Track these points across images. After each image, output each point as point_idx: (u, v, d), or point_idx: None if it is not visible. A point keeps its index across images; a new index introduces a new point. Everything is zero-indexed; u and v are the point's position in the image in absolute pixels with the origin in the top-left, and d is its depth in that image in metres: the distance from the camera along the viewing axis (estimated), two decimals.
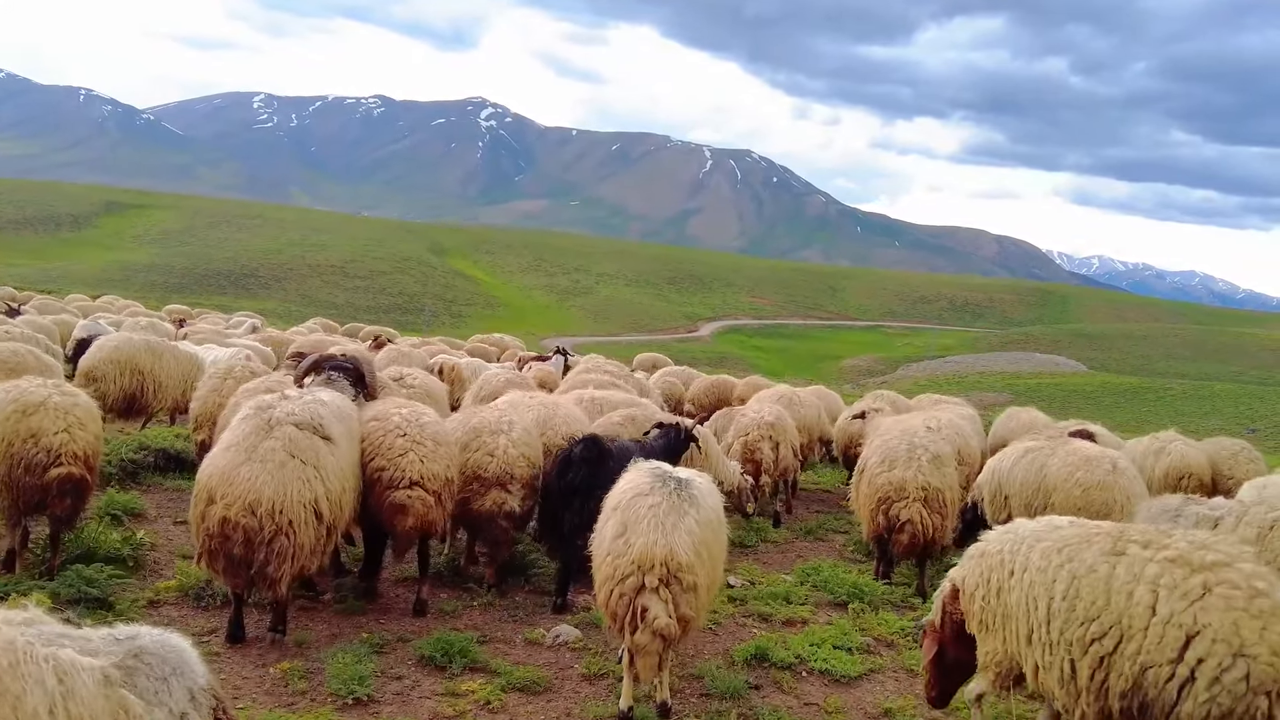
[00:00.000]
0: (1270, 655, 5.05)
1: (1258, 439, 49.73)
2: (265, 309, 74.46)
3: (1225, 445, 13.64)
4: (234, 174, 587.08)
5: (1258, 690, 5.03)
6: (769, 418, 13.68)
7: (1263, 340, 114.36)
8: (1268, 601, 5.18)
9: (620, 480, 7.06)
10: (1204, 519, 7.40)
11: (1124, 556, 5.56)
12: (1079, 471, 9.94)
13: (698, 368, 64.71)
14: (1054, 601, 5.72)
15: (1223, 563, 5.36)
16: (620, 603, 6.41)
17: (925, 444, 10.55)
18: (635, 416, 12.09)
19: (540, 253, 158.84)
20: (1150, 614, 5.31)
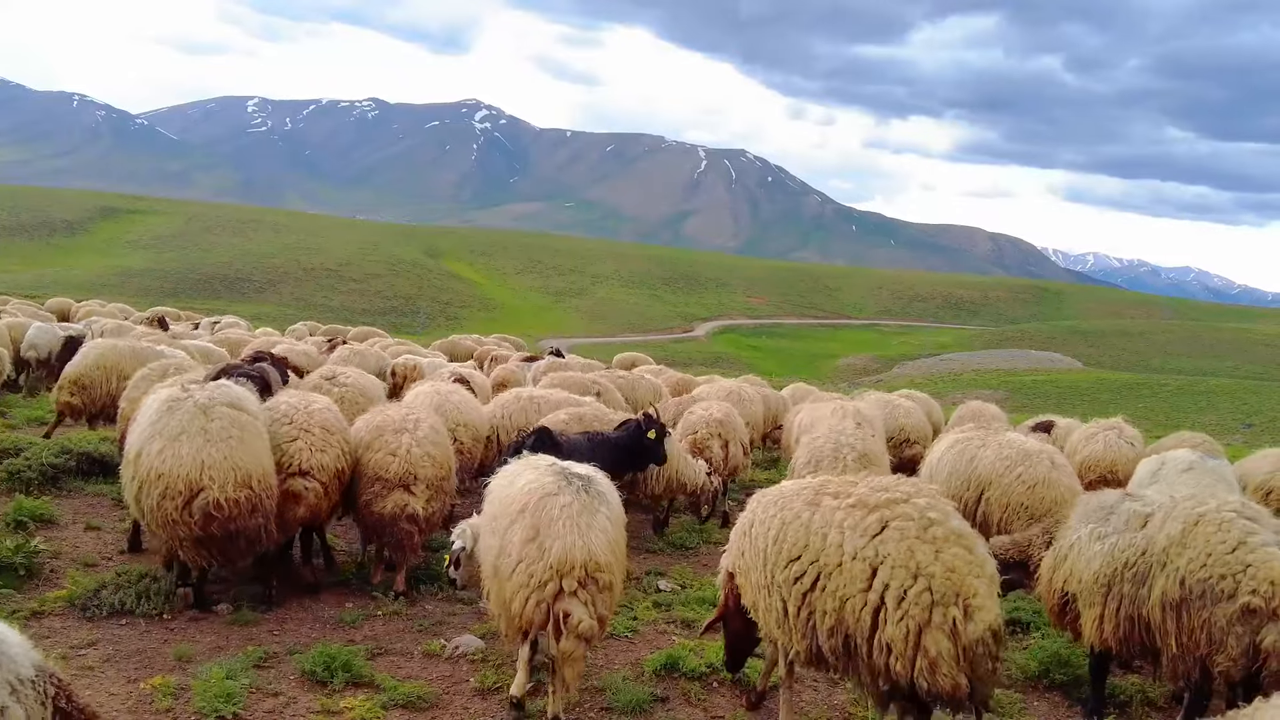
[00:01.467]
0: (945, 572, 5.66)
1: (1254, 434, 49.82)
2: (261, 313, 74.38)
3: (1185, 439, 13.67)
4: (228, 178, 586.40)
5: (941, 603, 5.61)
6: (718, 415, 13.44)
7: (1258, 336, 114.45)
8: (940, 529, 5.82)
9: (516, 479, 6.73)
10: (1136, 515, 6.96)
11: (819, 507, 6.12)
12: (1019, 466, 9.62)
13: (693, 368, 64.79)
14: (769, 548, 6.24)
15: (899, 500, 5.99)
16: (538, 610, 6.20)
17: (852, 443, 10.12)
18: (582, 415, 12.07)
19: (536, 254, 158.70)
20: (840, 552, 5.87)
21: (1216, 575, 6.18)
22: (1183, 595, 6.32)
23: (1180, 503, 6.81)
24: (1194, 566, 6.29)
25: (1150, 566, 6.59)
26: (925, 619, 5.62)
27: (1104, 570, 6.86)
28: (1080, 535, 7.21)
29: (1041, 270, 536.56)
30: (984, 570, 5.83)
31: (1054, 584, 7.38)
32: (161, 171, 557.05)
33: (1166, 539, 6.53)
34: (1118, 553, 6.83)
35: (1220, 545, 6.27)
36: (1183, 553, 6.38)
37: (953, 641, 5.58)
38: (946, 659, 5.57)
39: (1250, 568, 6.09)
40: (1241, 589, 6.06)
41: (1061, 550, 7.37)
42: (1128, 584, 6.70)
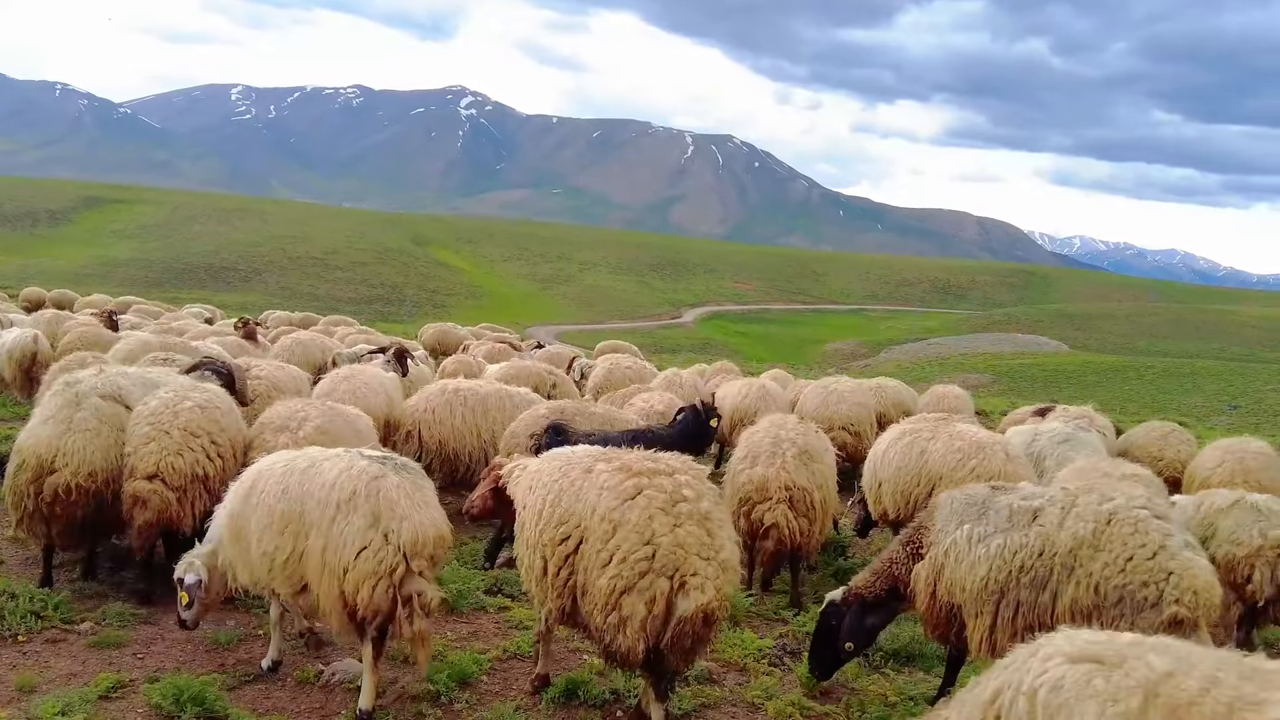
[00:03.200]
0: (674, 546, 5.80)
1: (1239, 415, 50.05)
2: (247, 302, 74.09)
3: (1157, 427, 13.28)
4: (213, 167, 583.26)
5: (659, 572, 5.77)
6: (659, 406, 13.04)
7: (1243, 318, 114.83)
8: (687, 506, 5.95)
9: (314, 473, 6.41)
10: (1020, 510, 6.40)
11: (592, 472, 6.23)
12: (972, 460, 9.26)
13: (681, 354, 64.68)
14: (544, 509, 6.34)
15: (661, 472, 6.12)
16: (386, 597, 6.11)
17: (792, 437, 9.39)
18: (564, 409, 11.78)
19: (523, 242, 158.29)
20: (592, 512, 6.02)
21: (1138, 582, 5.86)
22: (1097, 602, 5.94)
23: (1080, 496, 6.37)
24: (1111, 572, 5.92)
25: (1052, 569, 6.12)
26: (633, 582, 5.79)
27: (993, 575, 6.27)
28: (956, 539, 6.55)
29: (1028, 254, 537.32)
30: (716, 555, 5.94)
31: (936, 597, 6.68)
32: (146, 161, 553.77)
33: (1073, 539, 6.09)
34: (1008, 554, 6.27)
35: (1140, 550, 5.92)
36: (1096, 556, 5.99)
37: (648, 609, 5.76)
38: (635, 623, 5.77)
39: (1173, 575, 5.82)
40: (1166, 598, 5.79)
41: (936, 558, 6.65)
42: (1025, 589, 6.17)
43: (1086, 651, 3.79)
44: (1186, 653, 3.71)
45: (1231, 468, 10.53)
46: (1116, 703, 3.53)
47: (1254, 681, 3.43)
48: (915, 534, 7.04)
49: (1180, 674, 3.53)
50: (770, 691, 7.34)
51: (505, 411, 11.81)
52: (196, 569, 6.96)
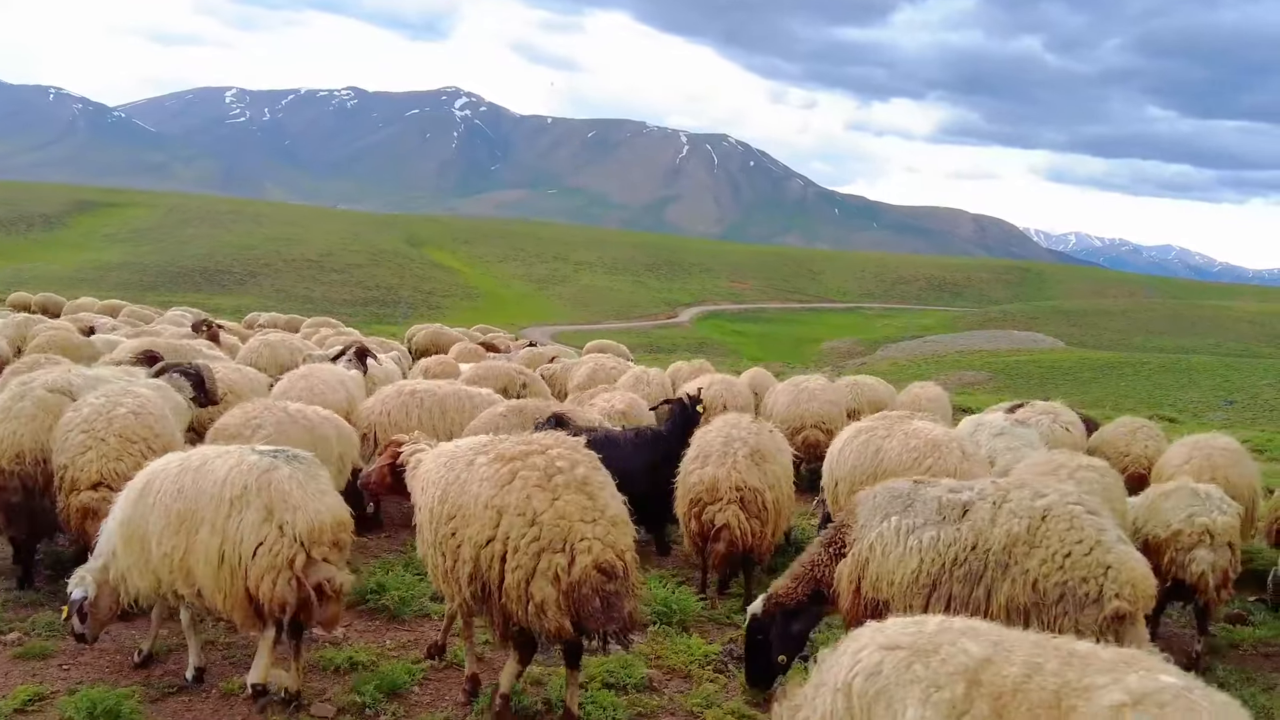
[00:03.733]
0: (556, 517, 5.87)
1: (1235, 410, 50.02)
2: (241, 305, 73.93)
3: (1126, 423, 13.02)
4: (207, 170, 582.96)
5: (549, 549, 5.84)
6: (620, 405, 12.84)
7: (1239, 313, 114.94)
8: (563, 477, 6.02)
9: (205, 470, 6.33)
10: (949, 504, 6.21)
11: (473, 465, 6.26)
12: (928, 459, 9.07)
13: (677, 354, 64.59)
14: (434, 506, 6.38)
15: (534, 452, 6.18)
16: (290, 589, 6.06)
17: (744, 436, 9.17)
18: (523, 408, 11.69)
19: (518, 242, 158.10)
20: (475, 502, 6.06)
21: (1077, 579, 5.77)
22: (1036, 600, 5.84)
23: (1011, 492, 6.20)
24: (1049, 569, 5.82)
25: (986, 565, 5.98)
26: (533, 566, 5.86)
27: (925, 569, 6.10)
28: (883, 531, 6.36)
29: (1024, 251, 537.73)
30: (601, 515, 6.02)
31: (860, 593, 6.46)
32: (140, 164, 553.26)
33: (1007, 536, 5.95)
34: (942, 546, 6.09)
35: (1077, 546, 5.82)
36: (1032, 553, 5.88)
37: (556, 587, 5.82)
38: (551, 604, 5.82)
39: (1111, 569, 5.75)
40: (1106, 593, 5.72)
41: (860, 554, 6.45)
42: (957, 584, 6.01)
43: (898, 639, 3.79)
44: (999, 637, 3.74)
45: (1199, 464, 10.33)
46: (940, 689, 3.53)
47: (1075, 667, 3.47)
48: (836, 533, 6.81)
49: (1000, 660, 3.55)
50: (711, 699, 7.17)
51: (464, 412, 11.62)
52: (86, 584, 6.81)
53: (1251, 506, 10.51)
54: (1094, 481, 8.36)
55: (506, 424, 10.63)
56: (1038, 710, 3.38)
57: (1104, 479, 8.45)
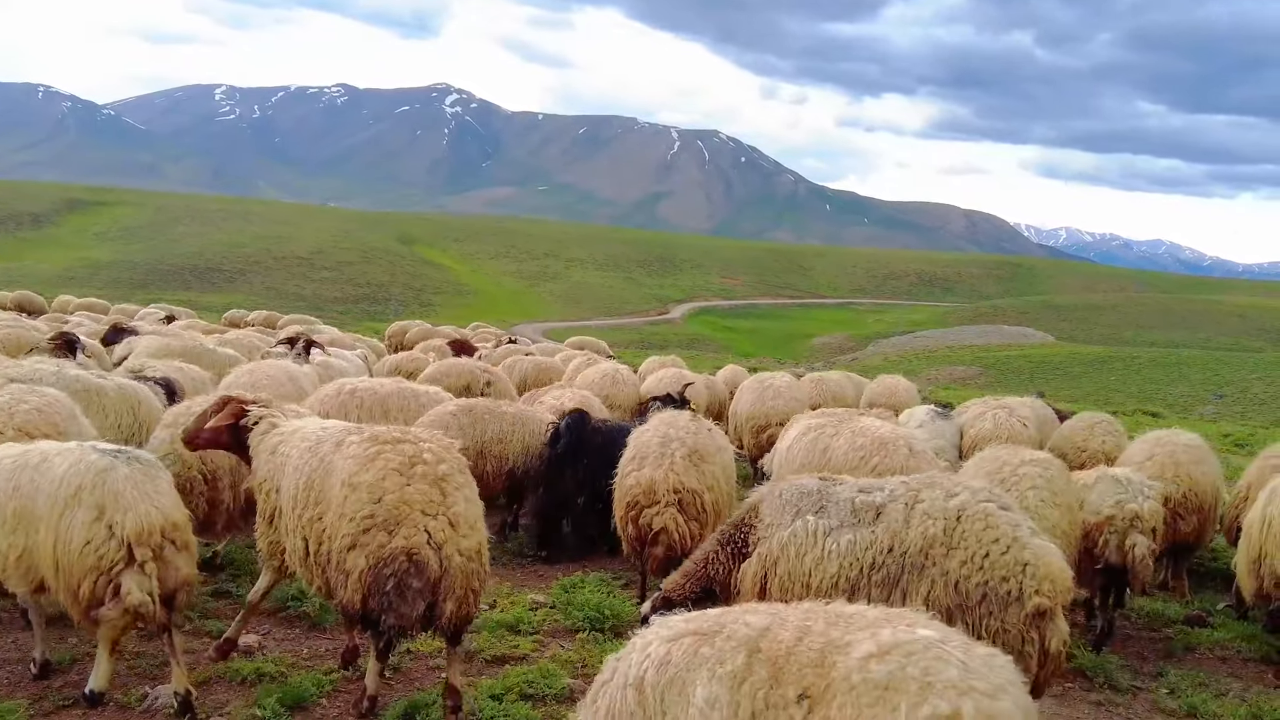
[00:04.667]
0: (399, 502, 5.98)
1: (1225, 404, 50.23)
2: (232, 303, 73.56)
3: (1085, 418, 12.87)
4: (197, 168, 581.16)
5: (381, 526, 5.95)
6: (569, 404, 12.36)
7: (1229, 307, 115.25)
8: (424, 468, 6.12)
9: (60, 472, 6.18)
10: (863, 505, 6.02)
11: (343, 445, 6.30)
12: (875, 457, 8.95)
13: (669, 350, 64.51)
14: (299, 493, 6.38)
15: (408, 440, 6.29)
16: (108, 589, 6.02)
17: (682, 436, 8.81)
18: (473, 407, 11.38)
19: (509, 239, 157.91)
20: (339, 483, 6.11)
21: (998, 578, 5.68)
22: (959, 601, 5.72)
23: (923, 491, 6.03)
24: (970, 570, 5.70)
25: (903, 568, 5.83)
26: (357, 538, 5.96)
27: (844, 573, 5.90)
28: (796, 531, 6.08)
29: (1015, 246, 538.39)
30: (444, 512, 6.12)
31: (767, 594, 6.18)
32: (130, 162, 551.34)
33: (924, 538, 5.82)
34: (859, 551, 5.91)
35: (994, 545, 5.73)
36: (951, 554, 5.75)
37: (366, 562, 5.94)
38: (355, 577, 5.95)
39: (1029, 566, 5.68)
40: (1026, 590, 5.64)
41: (770, 553, 6.14)
42: (875, 587, 5.85)
43: (684, 629, 3.91)
44: (778, 609, 3.94)
45: (1162, 461, 10.16)
46: (723, 663, 3.67)
47: (839, 626, 3.67)
48: (737, 531, 6.49)
49: (776, 627, 3.73)
50: None
51: (408, 411, 11.19)
52: None
53: (1214, 504, 10.36)
54: (1035, 477, 8.25)
55: (456, 423, 10.37)
56: (806, 669, 3.55)
57: (1046, 472, 8.38)
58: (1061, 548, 7.92)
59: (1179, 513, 9.95)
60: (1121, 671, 8.38)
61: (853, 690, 3.42)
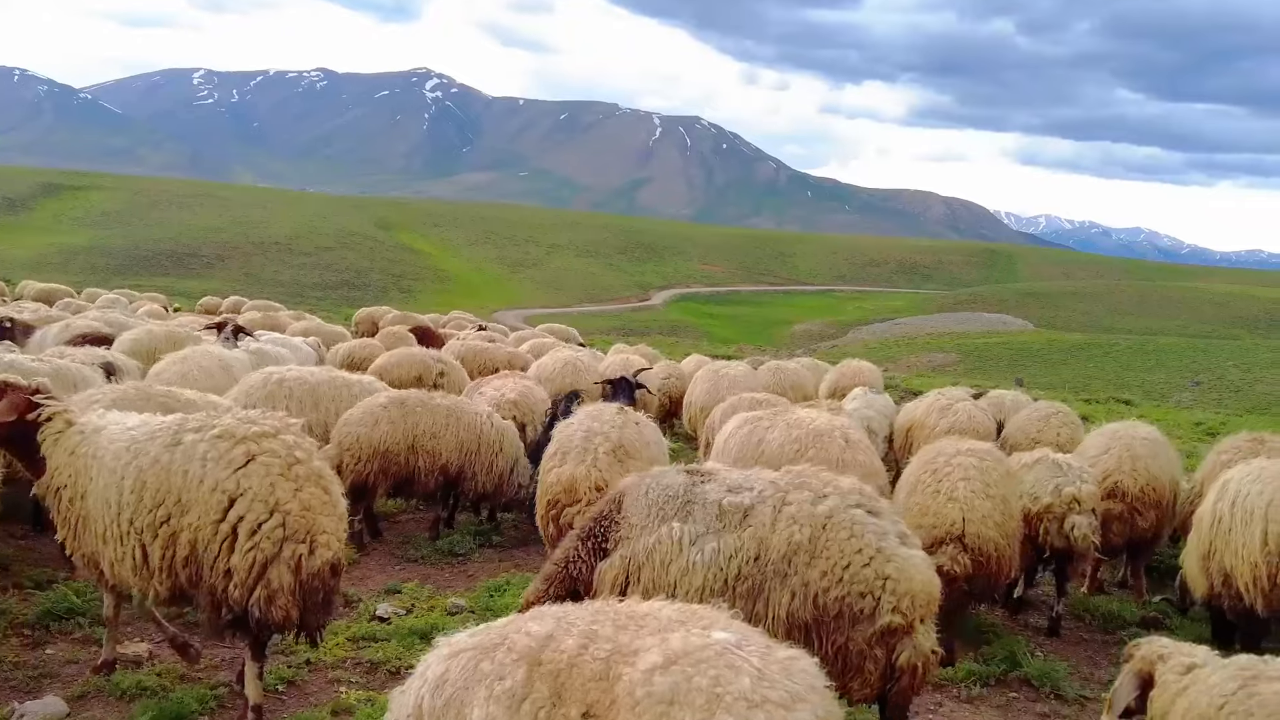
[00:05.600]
0: (301, 510, 6.00)
1: (1202, 391, 50.55)
2: (209, 289, 73.15)
3: (1039, 409, 12.61)
4: (175, 152, 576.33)
5: (295, 539, 5.96)
6: (511, 395, 11.97)
7: (1206, 294, 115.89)
8: (304, 468, 6.13)
9: None
10: (730, 507, 5.63)
11: (182, 444, 6.08)
12: (810, 448, 8.65)
13: (649, 336, 64.35)
14: (123, 497, 6.08)
15: (268, 434, 6.16)
16: None
17: (606, 431, 8.38)
18: (405, 399, 10.87)
19: (489, 225, 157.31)
20: (200, 485, 5.93)
21: (856, 593, 5.35)
22: (818, 616, 5.38)
23: (790, 493, 5.68)
24: (829, 583, 5.36)
25: (767, 578, 5.47)
26: (274, 553, 5.92)
27: (709, 585, 5.51)
28: (661, 537, 5.65)
29: (994, 233, 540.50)
30: (335, 510, 6.27)
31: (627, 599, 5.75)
32: (107, 147, 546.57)
33: (789, 545, 5.46)
34: (724, 560, 5.52)
35: (857, 556, 5.39)
36: (813, 563, 5.41)
37: (294, 575, 5.96)
38: (285, 592, 5.93)
39: (889, 580, 5.37)
40: (882, 606, 5.32)
41: (634, 556, 5.71)
42: (740, 599, 5.47)
43: (465, 644, 3.63)
44: (564, 612, 3.62)
45: (1119, 454, 9.92)
46: (503, 679, 3.38)
47: (629, 630, 3.39)
48: (597, 525, 6.02)
49: (560, 634, 3.42)
50: None
51: (340, 401, 10.82)
52: None
53: (1172, 499, 10.13)
54: (969, 468, 8.11)
55: (386, 416, 10.09)
56: (589, 684, 3.27)
57: (981, 464, 8.21)
58: (995, 538, 7.90)
59: (1136, 508, 9.71)
60: (1069, 680, 8.10)
61: (636, 707, 3.16)
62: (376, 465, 9.91)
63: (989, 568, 7.94)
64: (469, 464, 10.46)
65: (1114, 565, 10.99)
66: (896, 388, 25.22)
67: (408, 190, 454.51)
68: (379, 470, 9.95)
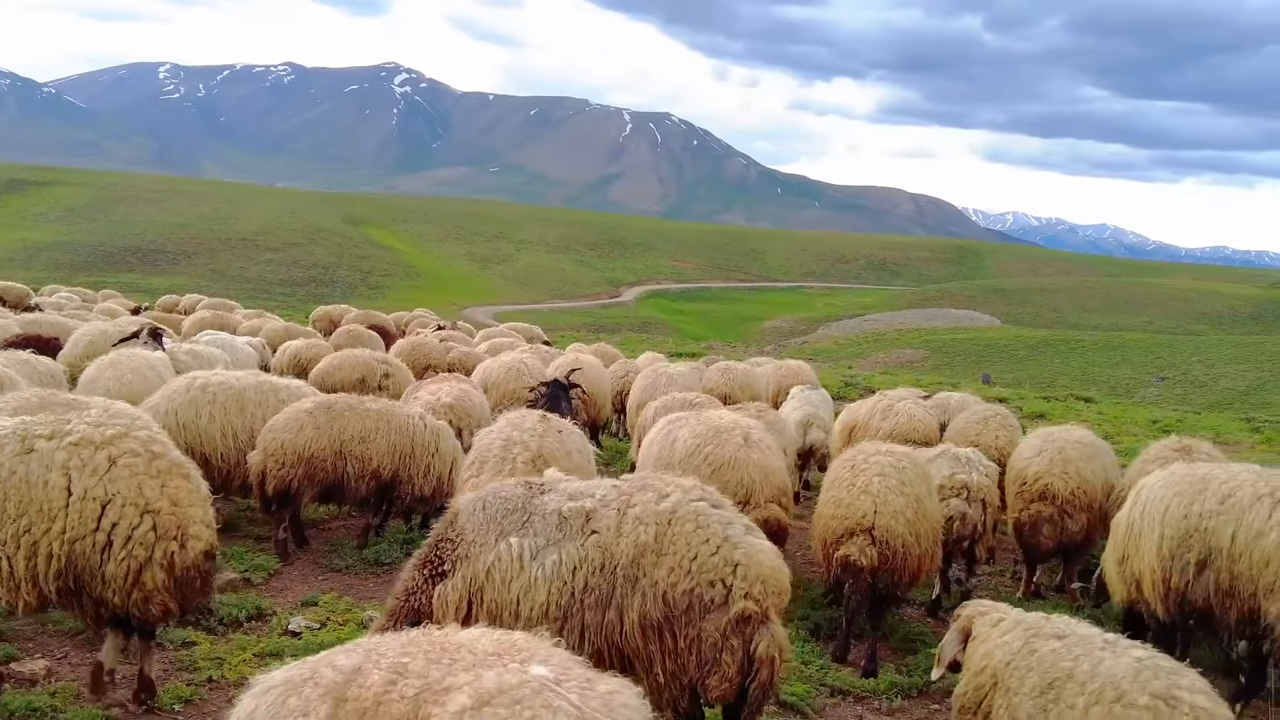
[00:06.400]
0: (170, 506, 6.01)
1: (1166, 386, 51.12)
2: (175, 285, 72.66)
3: (978, 411, 12.67)
4: (142, 147, 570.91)
5: (163, 539, 5.95)
6: (447, 399, 11.71)
7: (1171, 290, 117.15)
8: (163, 461, 6.10)
9: None
10: (570, 515, 5.45)
11: (35, 452, 5.90)
12: (707, 446, 8.76)
13: (620, 333, 64.39)
14: None
15: (121, 434, 6.07)
16: None
17: (525, 440, 8.10)
18: (332, 404, 10.50)
19: (459, 221, 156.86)
20: (68, 495, 5.82)
21: (705, 583, 5.23)
22: (667, 613, 5.23)
23: (635, 495, 5.57)
24: (677, 577, 5.24)
25: (615, 584, 5.32)
26: (147, 556, 5.93)
27: (553, 600, 5.32)
28: (500, 554, 5.41)
29: (962, 230, 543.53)
30: (199, 496, 6.30)
31: (473, 623, 5.34)
32: (71, 141, 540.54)
33: (635, 547, 5.32)
34: (567, 571, 5.34)
35: (704, 547, 5.29)
36: (661, 561, 5.28)
37: (168, 574, 6.00)
38: (161, 590, 5.99)
39: (739, 566, 5.28)
40: (735, 592, 5.23)
41: (475, 577, 5.45)
42: (589, 611, 5.31)
43: (275, 679, 3.35)
44: (377, 643, 3.39)
45: (1051, 456, 10.03)
46: (306, 717, 3.11)
47: (441, 663, 3.16)
48: (434, 550, 5.69)
49: (368, 668, 3.17)
50: None
51: (266, 406, 10.46)
52: None
53: (1104, 500, 10.04)
54: (887, 465, 8.26)
55: (312, 421, 9.82)
56: None
57: (899, 463, 8.33)
58: (905, 534, 7.95)
59: (1066, 510, 9.80)
60: None
61: None
62: (301, 471, 9.61)
63: (895, 562, 7.99)
64: (403, 468, 10.16)
65: (1053, 570, 10.99)
66: (857, 385, 25.29)
67: (378, 185, 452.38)
68: (304, 476, 9.63)
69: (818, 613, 9.19)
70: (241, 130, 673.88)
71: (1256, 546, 6.65)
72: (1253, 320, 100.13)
